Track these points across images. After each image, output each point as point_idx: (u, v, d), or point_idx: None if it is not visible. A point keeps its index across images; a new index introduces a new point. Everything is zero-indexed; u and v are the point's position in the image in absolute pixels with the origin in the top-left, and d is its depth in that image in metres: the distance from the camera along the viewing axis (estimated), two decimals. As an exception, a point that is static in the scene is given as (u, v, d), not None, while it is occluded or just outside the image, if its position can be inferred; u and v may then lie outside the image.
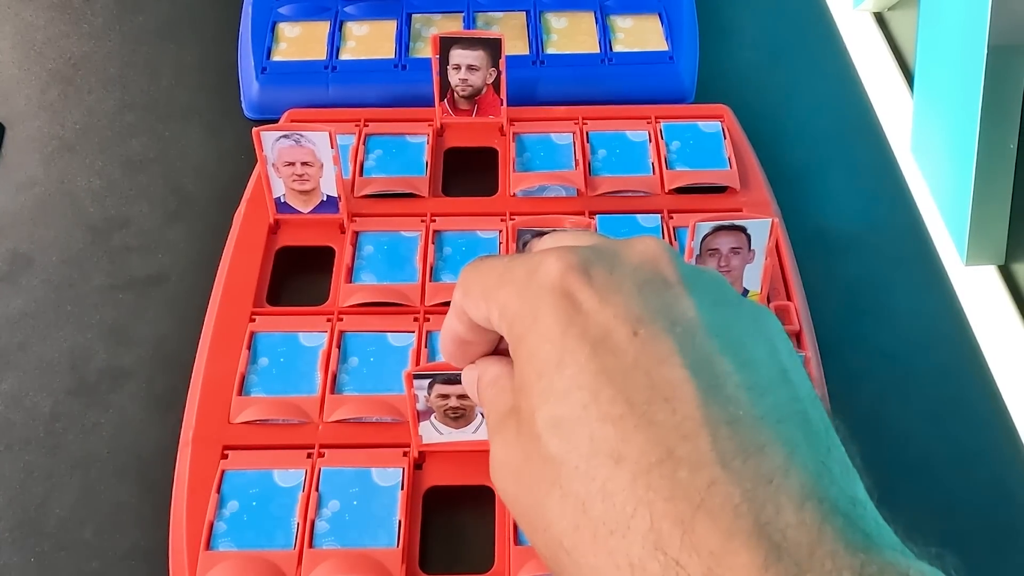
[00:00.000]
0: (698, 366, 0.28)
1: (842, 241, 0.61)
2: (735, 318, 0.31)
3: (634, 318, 0.30)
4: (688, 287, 0.31)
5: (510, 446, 0.31)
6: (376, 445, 0.49)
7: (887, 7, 1.89)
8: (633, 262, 0.32)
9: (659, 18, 0.72)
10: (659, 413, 0.27)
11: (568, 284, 0.31)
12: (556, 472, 0.28)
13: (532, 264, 0.32)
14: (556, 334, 0.30)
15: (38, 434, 0.53)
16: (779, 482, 0.26)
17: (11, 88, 0.72)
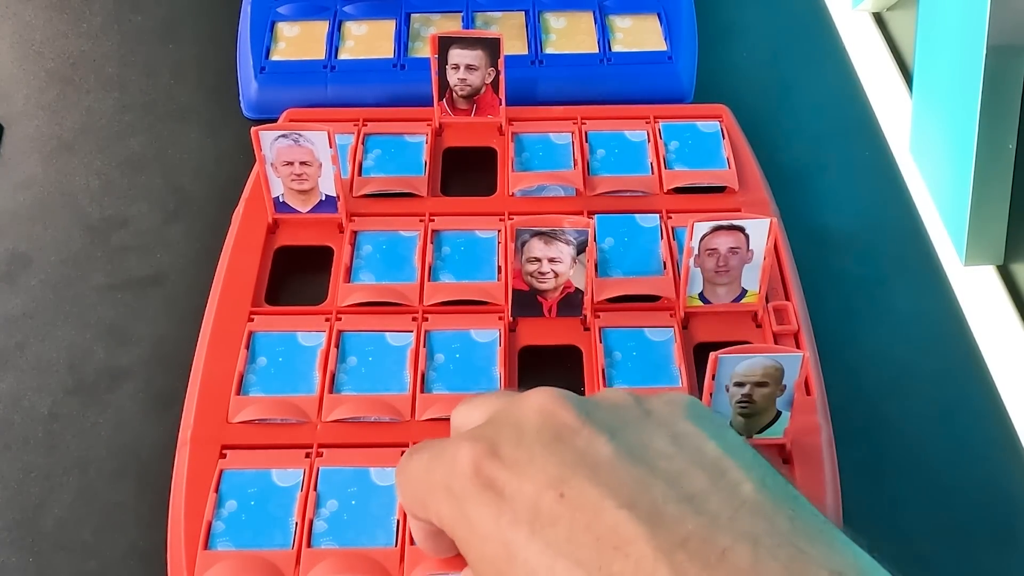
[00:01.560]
0: (633, 500, 0.28)
1: (841, 241, 0.61)
2: (650, 432, 0.31)
3: (554, 480, 0.30)
4: (594, 425, 0.31)
5: None
6: (375, 445, 0.49)
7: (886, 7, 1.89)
8: (534, 423, 0.32)
9: (658, 18, 0.72)
10: (614, 564, 0.27)
11: (484, 474, 0.31)
12: None
13: (447, 463, 0.32)
14: (492, 529, 0.30)
15: (36, 434, 0.53)
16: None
17: (9, 88, 0.72)
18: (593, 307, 0.54)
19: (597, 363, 0.52)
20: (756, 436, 0.48)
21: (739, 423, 0.48)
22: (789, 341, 0.53)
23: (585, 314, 0.54)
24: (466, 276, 0.56)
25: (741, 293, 0.54)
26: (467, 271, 0.57)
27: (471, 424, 0.35)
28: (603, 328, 0.54)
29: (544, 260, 0.52)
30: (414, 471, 0.35)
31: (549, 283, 0.53)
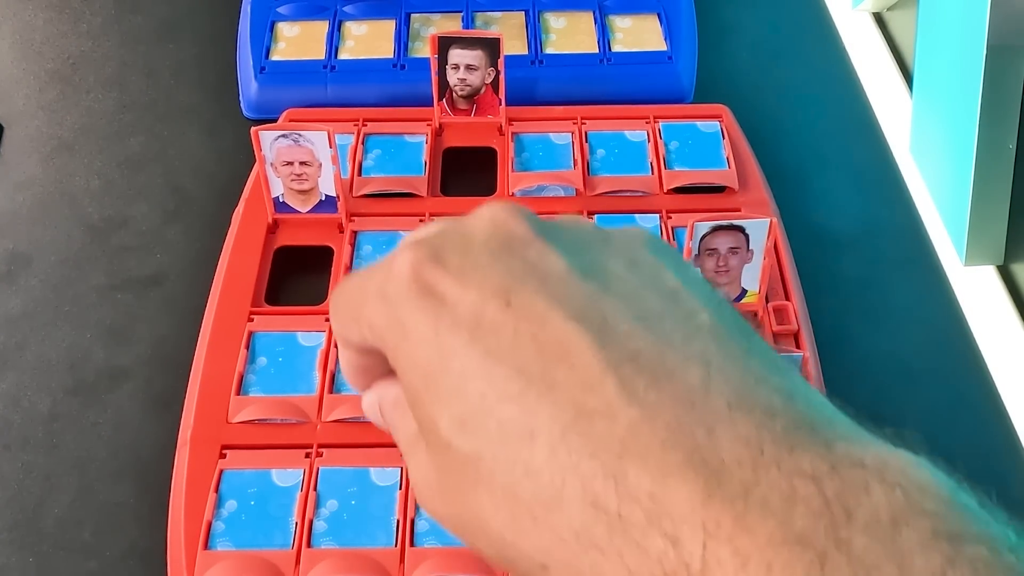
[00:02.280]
0: (582, 314, 0.27)
1: (841, 241, 0.61)
2: (607, 255, 0.29)
3: (501, 288, 0.28)
4: (548, 239, 0.29)
5: (424, 465, 0.30)
6: (374, 445, 0.49)
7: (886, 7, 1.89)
8: (484, 232, 0.30)
9: (658, 18, 0.72)
10: (557, 373, 0.26)
11: (424, 279, 0.29)
12: (476, 471, 0.27)
13: (385, 269, 0.30)
14: (429, 334, 0.28)
15: (36, 434, 0.53)
16: (701, 402, 0.25)
17: (10, 88, 0.72)
18: (593, 307, 0.54)
19: (597, 363, 0.52)
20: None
21: None
22: (789, 341, 0.53)
23: (585, 314, 0.54)
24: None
25: (741, 293, 0.54)
26: (467, 271, 0.56)
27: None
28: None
29: None
30: (349, 285, 0.32)
31: None
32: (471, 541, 0.29)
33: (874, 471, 0.23)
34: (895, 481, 0.23)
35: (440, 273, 0.29)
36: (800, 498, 0.23)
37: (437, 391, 0.28)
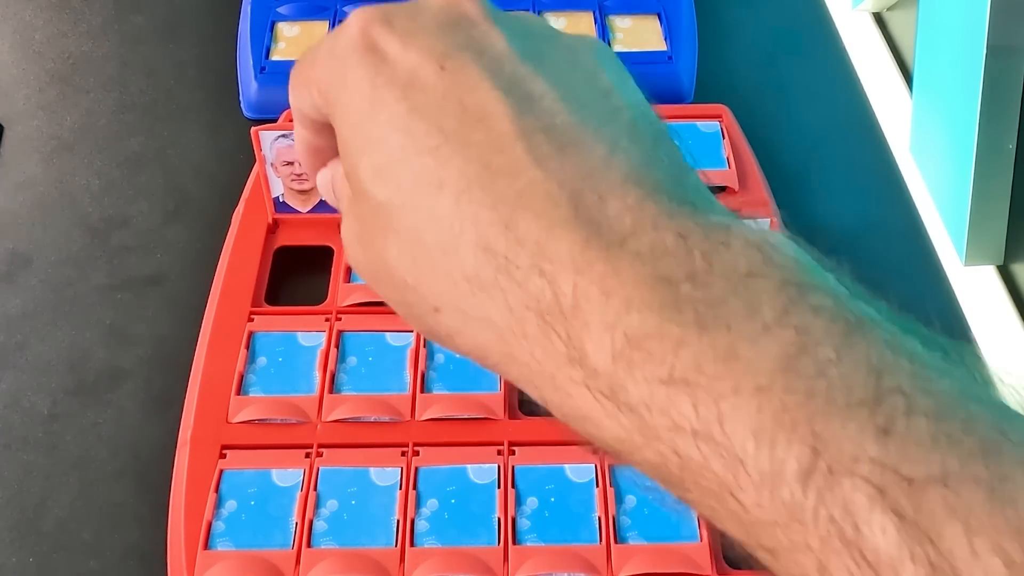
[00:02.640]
0: (510, 87, 0.29)
1: (841, 241, 0.61)
2: (550, 47, 0.31)
3: (439, 54, 0.30)
4: (496, 23, 0.31)
5: (349, 216, 0.32)
6: (375, 445, 0.49)
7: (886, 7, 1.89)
8: (437, 6, 0.31)
9: (658, 18, 0.72)
10: (474, 134, 0.28)
11: (370, 37, 0.31)
12: (387, 217, 0.29)
13: (336, 32, 0.32)
14: (366, 87, 0.30)
15: (36, 434, 0.53)
16: (600, 174, 0.27)
17: (9, 88, 0.72)
18: (593, 307, 0.54)
19: (597, 363, 0.52)
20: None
21: None
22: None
23: (585, 314, 0.54)
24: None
25: None
26: (467, 271, 0.56)
27: None
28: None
29: None
30: (306, 53, 0.34)
31: None
32: (380, 289, 0.31)
33: (739, 235, 0.26)
34: (756, 243, 0.26)
35: (387, 33, 0.31)
36: (668, 250, 0.25)
37: (363, 140, 0.30)
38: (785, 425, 0.23)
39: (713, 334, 0.24)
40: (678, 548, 0.45)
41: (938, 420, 0.22)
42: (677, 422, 0.24)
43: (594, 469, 0.48)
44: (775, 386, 0.23)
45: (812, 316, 0.24)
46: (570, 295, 0.26)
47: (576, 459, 0.48)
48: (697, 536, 0.46)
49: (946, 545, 0.21)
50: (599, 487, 0.47)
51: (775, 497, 0.23)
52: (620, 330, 0.25)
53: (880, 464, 0.22)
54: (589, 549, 0.45)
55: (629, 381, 0.25)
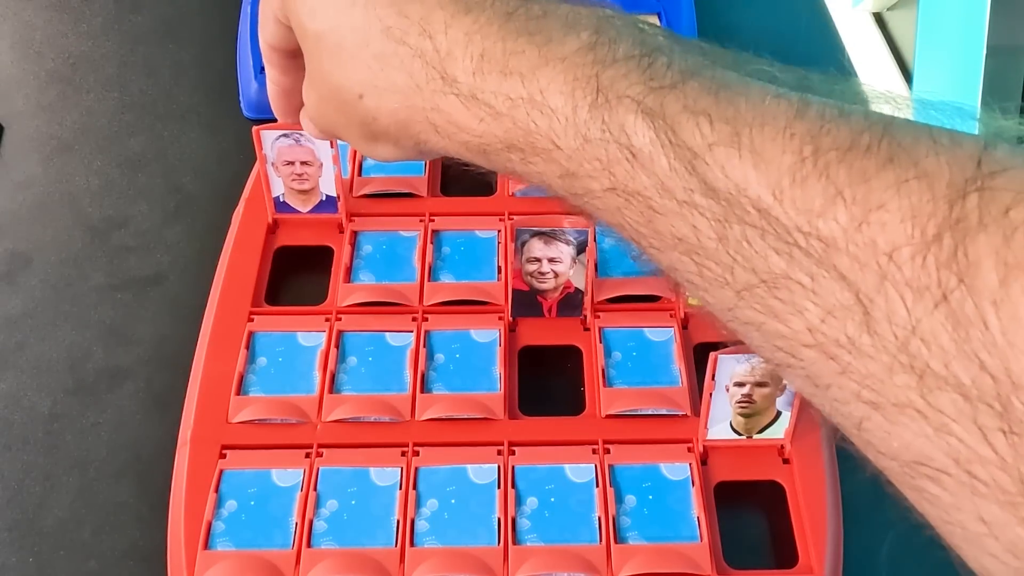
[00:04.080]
0: None
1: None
2: None
3: None
4: None
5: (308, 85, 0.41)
6: (374, 445, 0.49)
7: (886, 7, 1.89)
8: None
9: (658, 18, 0.72)
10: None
11: None
12: (324, 43, 0.38)
13: None
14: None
15: (36, 434, 0.53)
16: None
17: (10, 88, 0.72)
18: (593, 307, 0.54)
19: (597, 363, 0.52)
20: (756, 435, 0.48)
21: (739, 423, 0.48)
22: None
23: (585, 314, 0.54)
24: (466, 276, 0.56)
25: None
26: (467, 271, 0.57)
27: None
28: (603, 328, 0.54)
29: (544, 260, 0.52)
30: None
31: (549, 283, 0.53)
32: (333, 116, 0.40)
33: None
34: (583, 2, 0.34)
35: None
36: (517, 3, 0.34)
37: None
38: (580, 81, 0.32)
39: (536, 39, 0.33)
40: (678, 548, 0.45)
41: (684, 71, 0.31)
42: (513, 99, 0.33)
43: (594, 469, 0.48)
44: (575, 60, 0.32)
45: (613, 30, 0.33)
46: (444, 42, 0.35)
47: (576, 459, 0.48)
48: (697, 536, 0.46)
49: (683, 133, 0.29)
50: (599, 487, 0.47)
51: (576, 130, 0.32)
52: (475, 53, 0.34)
53: (639, 86, 0.31)
54: (589, 549, 0.45)
55: (482, 83, 0.34)
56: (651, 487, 0.48)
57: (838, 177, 0.26)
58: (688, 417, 0.50)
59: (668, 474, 0.48)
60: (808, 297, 0.27)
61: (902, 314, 0.24)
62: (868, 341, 0.25)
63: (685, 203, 0.29)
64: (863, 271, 0.25)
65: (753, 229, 0.28)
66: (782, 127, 0.28)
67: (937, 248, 0.24)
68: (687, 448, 0.49)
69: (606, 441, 0.49)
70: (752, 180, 0.28)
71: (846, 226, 0.26)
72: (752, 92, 0.30)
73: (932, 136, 0.26)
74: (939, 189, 0.25)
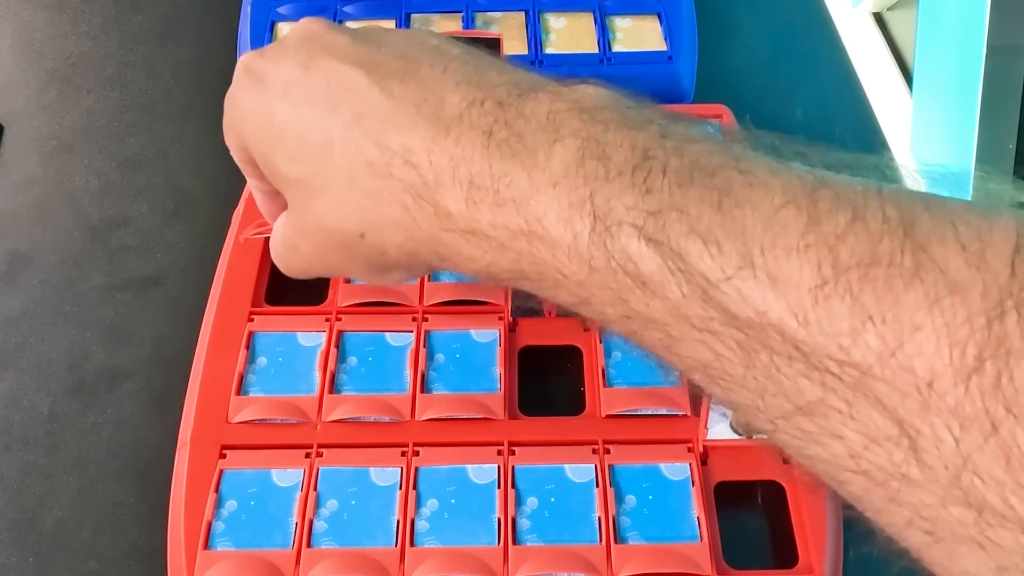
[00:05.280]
0: (359, 62, 0.37)
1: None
2: (386, 34, 0.40)
3: (301, 62, 0.39)
4: (339, 30, 0.40)
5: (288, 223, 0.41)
6: (375, 445, 0.49)
7: (886, 7, 1.89)
8: (294, 34, 0.41)
9: (658, 18, 0.72)
10: (342, 99, 0.37)
11: (251, 69, 0.41)
12: (308, 187, 0.38)
13: (233, 79, 0.43)
14: (256, 104, 0.40)
15: (36, 434, 0.53)
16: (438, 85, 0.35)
17: (9, 88, 0.72)
18: (593, 307, 0.54)
19: (597, 363, 0.52)
20: (756, 435, 0.48)
21: (740, 422, 0.48)
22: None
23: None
24: (466, 276, 0.56)
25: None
26: (467, 271, 0.56)
27: None
28: (603, 328, 0.54)
29: None
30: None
31: None
32: (330, 259, 0.40)
33: (549, 91, 0.34)
34: (562, 92, 0.33)
35: (261, 61, 0.41)
36: (490, 113, 0.33)
37: (272, 143, 0.39)
38: (575, 207, 0.30)
39: (522, 158, 0.32)
40: (678, 548, 0.45)
41: (682, 177, 0.29)
42: (513, 231, 0.32)
43: (594, 469, 0.48)
44: (566, 183, 0.30)
45: (599, 127, 0.31)
46: (429, 171, 0.34)
47: (576, 459, 0.48)
48: (697, 536, 0.46)
49: (691, 258, 0.27)
50: (599, 487, 0.47)
51: (581, 259, 0.30)
52: (463, 182, 0.33)
53: (637, 210, 0.29)
54: (589, 549, 0.45)
55: (477, 214, 0.33)
56: (651, 487, 0.48)
57: (864, 297, 0.24)
58: (688, 417, 0.50)
59: (668, 474, 0.48)
60: (847, 424, 0.25)
61: (951, 445, 0.23)
62: (917, 472, 0.24)
63: (705, 331, 0.28)
64: (904, 400, 0.24)
65: (780, 356, 0.26)
66: (795, 240, 0.26)
67: (980, 375, 0.23)
68: (687, 448, 0.49)
69: (606, 441, 0.49)
70: (772, 305, 0.26)
71: (880, 351, 0.24)
72: (757, 197, 0.27)
73: (958, 234, 0.24)
74: (974, 304, 0.23)
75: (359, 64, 0.37)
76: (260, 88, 0.40)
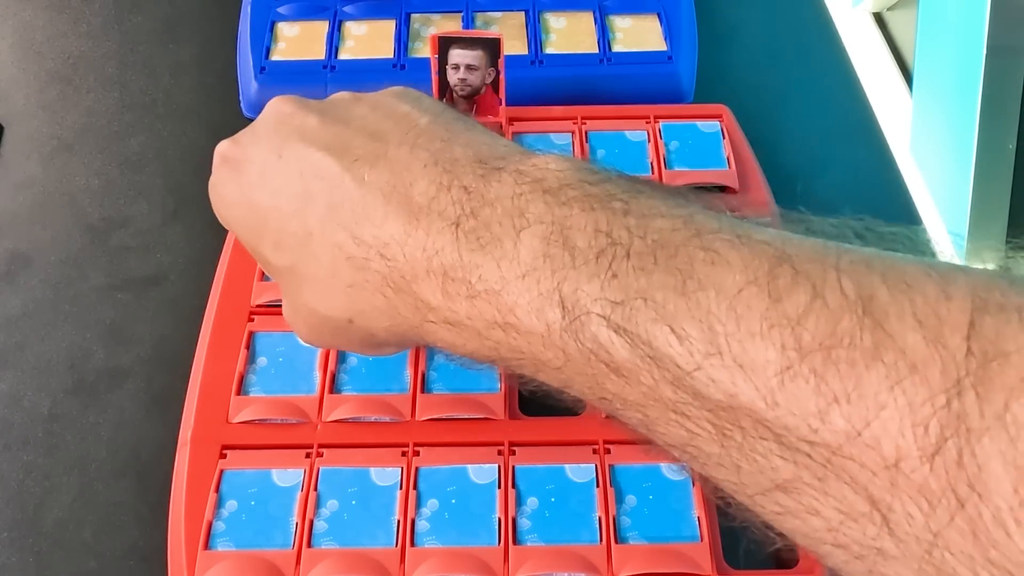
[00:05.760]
0: (329, 146, 0.38)
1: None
2: (354, 107, 0.40)
3: (274, 148, 0.39)
4: (309, 110, 0.40)
5: (285, 304, 0.42)
6: (375, 445, 0.49)
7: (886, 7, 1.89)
8: (265, 118, 0.41)
9: (658, 18, 0.72)
10: (316, 188, 0.37)
11: (228, 157, 0.41)
12: (295, 275, 0.39)
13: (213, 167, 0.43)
14: (235, 193, 0.41)
15: (36, 434, 0.53)
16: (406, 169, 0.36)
17: (9, 88, 0.72)
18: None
19: (597, 363, 0.52)
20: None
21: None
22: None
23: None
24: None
25: None
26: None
27: None
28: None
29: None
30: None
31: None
32: (328, 339, 0.41)
33: (513, 169, 0.34)
34: (525, 170, 0.34)
35: (235, 149, 0.41)
36: (458, 201, 0.34)
37: (257, 234, 0.40)
38: (545, 297, 0.31)
39: (491, 248, 0.32)
40: (678, 548, 0.45)
41: (641, 256, 0.29)
42: (489, 321, 0.32)
43: (594, 469, 0.48)
44: (534, 275, 0.31)
45: (563, 211, 0.31)
46: (405, 264, 0.35)
47: (576, 459, 0.48)
48: (697, 536, 0.46)
49: (659, 345, 0.28)
50: (599, 487, 0.47)
51: (556, 348, 0.31)
52: (437, 274, 0.33)
53: (604, 300, 0.29)
54: (589, 549, 0.45)
55: (454, 306, 0.33)
56: (651, 487, 0.48)
57: (828, 377, 0.25)
58: (688, 417, 0.50)
59: (668, 474, 0.48)
60: (820, 500, 0.26)
61: (921, 521, 0.24)
62: (892, 545, 0.25)
63: (679, 413, 0.29)
64: (873, 477, 0.24)
65: (752, 436, 0.27)
66: (758, 323, 0.27)
67: (943, 453, 0.23)
68: (687, 448, 0.49)
69: (606, 441, 0.49)
70: (742, 388, 0.27)
71: (847, 431, 0.25)
72: (719, 276, 0.28)
73: (915, 309, 0.25)
74: (934, 383, 0.24)
75: (329, 149, 0.38)
76: (238, 177, 0.40)
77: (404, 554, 0.45)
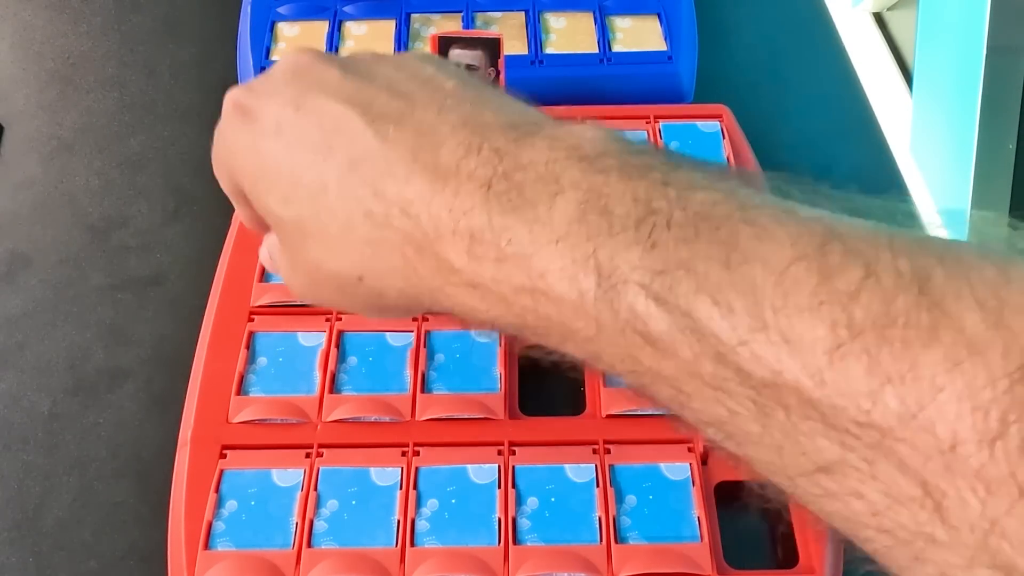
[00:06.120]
0: (350, 99, 0.36)
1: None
2: (377, 65, 0.38)
3: (292, 99, 0.37)
4: (328, 63, 0.38)
5: (282, 258, 0.40)
6: (375, 445, 0.49)
7: (886, 7, 1.89)
8: (282, 67, 0.39)
9: (658, 18, 0.72)
10: (336, 141, 0.35)
11: (239, 105, 0.39)
12: (302, 230, 0.37)
13: (221, 114, 0.41)
14: (247, 143, 0.39)
15: (36, 434, 0.53)
16: (432, 129, 0.34)
17: (9, 88, 0.72)
18: (593, 307, 0.54)
19: (597, 363, 0.52)
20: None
21: None
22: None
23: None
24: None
25: None
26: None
27: None
28: (603, 328, 0.54)
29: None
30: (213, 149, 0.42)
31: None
32: (326, 295, 0.39)
33: (546, 135, 0.33)
34: (560, 135, 0.32)
35: (250, 98, 0.39)
36: (488, 163, 0.32)
37: (265, 185, 0.38)
38: (579, 263, 0.29)
39: (523, 212, 0.31)
40: (678, 548, 0.45)
41: (686, 231, 0.28)
42: (516, 286, 0.31)
43: (594, 469, 0.48)
44: (568, 240, 0.30)
45: (600, 178, 0.30)
46: (429, 223, 0.33)
47: (576, 459, 0.48)
48: (697, 536, 0.46)
49: (701, 318, 0.27)
50: (599, 487, 0.47)
51: (588, 317, 0.29)
52: (463, 235, 0.32)
53: (643, 268, 0.28)
54: (589, 549, 0.45)
55: (480, 269, 0.32)
56: (651, 487, 0.48)
57: (882, 357, 0.24)
58: (688, 417, 0.50)
59: (668, 474, 0.48)
60: (867, 483, 0.25)
61: (976, 508, 0.23)
62: (943, 532, 0.24)
63: (718, 389, 0.27)
64: (927, 462, 0.24)
65: (797, 415, 0.26)
66: (808, 299, 0.25)
67: (1005, 439, 0.22)
68: (687, 448, 0.49)
69: (606, 441, 0.49)
70: (787, 365, 0.25)
71: (901, 413, 0.24)
72: (766, 251, 0.27)
73: (974, 291, 0.24)
74: (995, 366, 0.23)
75: (351, 103, 0.36)
76: (250, 127, 0.39)
77: (404, 554, 0.45)
